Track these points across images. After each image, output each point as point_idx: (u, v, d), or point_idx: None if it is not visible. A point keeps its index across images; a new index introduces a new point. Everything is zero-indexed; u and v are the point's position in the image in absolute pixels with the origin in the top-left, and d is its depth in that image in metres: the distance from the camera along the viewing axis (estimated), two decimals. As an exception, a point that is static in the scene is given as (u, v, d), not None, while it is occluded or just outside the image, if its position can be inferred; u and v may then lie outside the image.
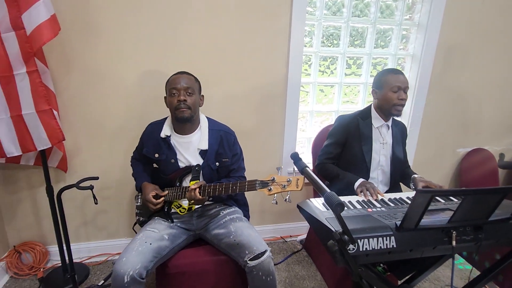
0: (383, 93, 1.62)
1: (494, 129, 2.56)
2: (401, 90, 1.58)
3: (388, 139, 1.72)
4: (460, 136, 2.51)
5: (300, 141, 2.30)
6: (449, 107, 2.39)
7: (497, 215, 1.14)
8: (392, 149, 1.73)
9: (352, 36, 2.18)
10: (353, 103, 2.34)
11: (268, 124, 2.12)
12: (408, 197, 1.46)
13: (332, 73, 2.24)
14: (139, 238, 1.34)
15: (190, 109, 1.44)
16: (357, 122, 1.69)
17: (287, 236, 2.39)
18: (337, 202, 0.84)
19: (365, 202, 1.39)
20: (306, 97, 2.24)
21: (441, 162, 2.56)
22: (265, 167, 2.18)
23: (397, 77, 1.60)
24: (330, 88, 2.28)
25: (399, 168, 1.76)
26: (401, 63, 2.32)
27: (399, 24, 2.18)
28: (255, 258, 1.28)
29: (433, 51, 2.20)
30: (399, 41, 2.23)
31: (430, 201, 0.99)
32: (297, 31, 1.95)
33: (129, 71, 1.83)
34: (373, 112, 1.70)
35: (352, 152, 1.70)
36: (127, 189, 2.02)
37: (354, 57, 2.23)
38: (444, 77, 2.30)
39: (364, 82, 2.27)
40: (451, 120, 2.44)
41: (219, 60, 1.92)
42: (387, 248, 1.07)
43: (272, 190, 1.16)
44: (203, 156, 1.50)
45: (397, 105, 1.59)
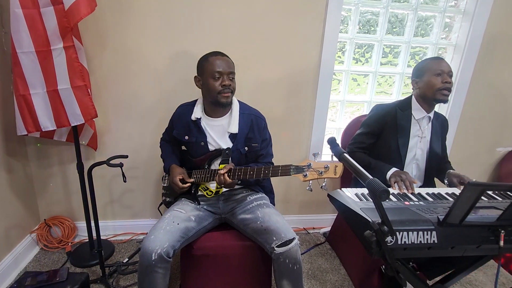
0: (425, 80, 1.53)
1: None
2: (445, 73, 1.49)
3: (427, 132, 1.62)
4: (501, 135, 2.35)
5: (329, 131, 2.23)
6: (491, 103, 2.24)
7: (552, 217, 1.04)
8: (430, 143, 1.63)
9: (390, 23, 2.07)
10: (387, 94, 2.24)
11: (298, 111, 2.06)
12: (447, 193, 1.37)
13: (367, 62, 2.14)
14: (167, 217, 1.34)
15: (233, 94, 1.43)
16: (395, 112, 1.61)
17: (310, 228, 2.34)
18: (382, 188, 0.78)
19: (400, 195, 1.31)
20: (338, 86, 2.15)
21: (479, 161, 2.41)
22: (292, 155, 2.14)
23: (440, 62, 1.51)
24: (363, 78, 2.18)
25: (436, 163, 1.67)
26: (442, 53, 2.18)
27: (443, 11, 2.04)
28: (283, 245, 1.25)
29: (479, 41, 2.05)
30: (441, 30, 2.09)
31: (481, 195, 0.92)
32: (333, 16, 1.86)
33: (160, 51, 1.82)
34: (414, 103, 1.60)
35: (387, 144, 1.62)
36: (155, 169, 2.03)
37: (392, 46, 2.12)
38: (488, 70, 2.14)
39: (400, 72, 2.16)
40: (492, 116, 2.28)
41: (252, 43, 1.87)
42: (427, 243, 1.00)
43: (308, 176, 1.11)
44: (232, 140, 1.47)
45: (442, 89, 1.49)
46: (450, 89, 1.50)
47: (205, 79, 1.41)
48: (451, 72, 1.51)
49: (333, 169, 1.09)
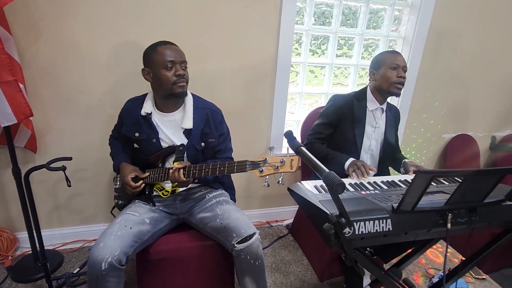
0: (381, 72, 1.57)
1: (481, 115, 2.58)
2: (400, 68, 1.55)
3: (381, 123, 1.67)
4: (448, 122, 2.51)
5: (288, 124, 2.23)
6: (438, 92, 2.38)
7: (491, 198, 1.12)
8: (384, 134, 1.69)
9: (344, 15, 2.10)
10: (343, 86, 2.28)
11: (257, 104, 2.03)
12: (400, 180, 1.42)
13: (323, 54, 2.16)
14: (118, 221, 1.24)
15: (187, 84, 1.36)
16: (352, 103, 1.63)
17: (273, 221, 2.34)
18: (338, 182, 0.77)
19: (357, 185, 1.34)
20: (296, 78, 2.15)
21: (428, 148, 2.57)
22: (252, 149, 2.10)
23: (396, 56, 1.56)
24: (320, 69, 2.20)
25: (390, 153, 1.73)
26: (392, 45, 2.26)
27: (393, 4, 2.11)
28: (243, 241, 1.21)
29: (425, 34, 2.15)
30: (391, 22, 2.17)
31: (430, 182, 0.95)
32: (289, 7, 1.84)
33: (104, 41, 1.67)
34: (368, 94, 1.64)
35: (343, 134, 1.64)
36: (106, 170, 1.89)
37: (346, 38, 2.16)
38: (435, 61, 2.27)
39: (355, 64, 2.21)
40: (439, 105, 2.43)
41: (206, 34, 1.79)
42: (383, 231, 1.02)
43: (264, 172, 1.07)
44: (187, 136, 1.39)
45: (396, 83, 1.54)
46: (403, 83, 1.56)
47: (156, 71, 1.30)
48: (406, 67, 1.57)
49: (289, 163, 1.07)
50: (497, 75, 2.48)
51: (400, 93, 1.59)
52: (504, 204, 1.16)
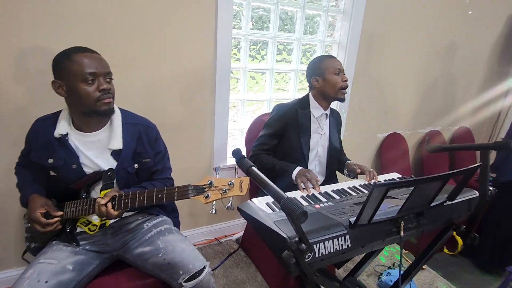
0: (326, 78, 1.54)
1: (408, 114, 2.79)
2: (342, 72, 1.55)
3: (326, 129, 1.66)
4: (381, 122, 2.66)
5: (232, 133, 2.11)
6: (372, 94, 2.50)
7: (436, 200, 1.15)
8: (330, 139, 1.68)
9: (282, 20, 2.06)
10: (284, 91, 2.25)
11: (197, 114, 1.87)
12: (349, 187, 1.41)
13: (263, 59, 2.09)
14: (28, 276, 0.98)
15: (113, 99, 1.14)
16: (296, 112, 1.59)
17: (221, 236, 2.20)
18: (300, 211, 0.67)
19: (310, 197, 1.28)
20: (237, 85, 2.05)
21: (365, 147, 2.69)
22: (194, 164, 1.94)
23: (334, 60, 1.56)
24: (261, 75, 2.13)
25: (336, 157, 1.73)
26: (328, 50, 2.30)
27: (327, 10, 2.14)
28: (191, 278, 1.06)
29: (357, 39, 2.23)
30: (326, 28, 2.20)
31: (386, 194, 0.92)
32: (225, 10, 1.73)
33: (4, 45, 1.35)
34: (312, 101, 1.61)
35: (290, 144, 1.59)
36: (14, 205, 1.54)
37: (285, 43, 2.12)
38: (367, 65, 2.37)
39: (295, 69, 2.19)
40: (374, 106, 2.56)
41: (134, 38, 1.58)
42: (342, 249, 0.97)
43: (210, 197, 0.94)
44: (116, 158, 1.18)
45: (343, 88, 1.55)
46: (348, 86, 1.56)
47: (72, 84, 1.06)
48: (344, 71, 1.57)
49: (239, 186, 0.95)
50: (423, 77, 2.71)
51: (345, 98, 1.59)
52: (445, 204, 1.21)
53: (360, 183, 1.47)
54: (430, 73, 2.75)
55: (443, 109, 2.99)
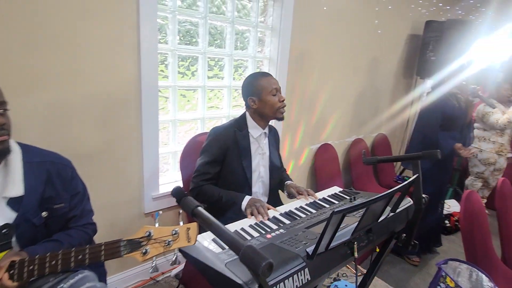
0: (263, 99, 1.48)
1: (337, 125, 2.95)
2: (279, 91, 1.50)
3: (266, 148, 1.60)
4: (313, 134, 2.74)
5: (164, 157, 1.91)
6: (304, 108, 2.56)
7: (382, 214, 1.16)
8: (270, 158, 1.62)
9: (211, 35, 1.96)
10: (218, 108, 2.14)
11: (121, 140, 1.62)
12: (296, 208, 1.36)
13: (193, 76, 1.95)
14: None
15: (10, 136, 0.90)
16: (234, 134, 1.49)
17: (158, 274, 1.95)
18: (266, 263, 0.56)
19: (259, 226, 1.19)
20: (166, 104, 1.86)
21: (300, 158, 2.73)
22: (120, 199, 1.68)
23: (270, 79, 1.51)
24: (192, 93, 1.99)
25: (277, 175, 1.68)
26: (259, 66, 2.28)
27: (255, 26, 2.12)
28: None
29: (287, 55, 2.26)
30: (256, 43, 2.18)
31: (342, 220, 0.88)
32: (148, 23, 1.55)
33: None
34: (249, 121, 1.53)
35: (232, 169, 1.49)
36: None
37: (216, 58, 2.03)
38: (298, 80, 2.42)
39: (227, 86, 2.10)
40: (306, 119, 2.62)
41: (35, 52, 1.29)
42: (302, 285, 0.89)
43: (150, 253, 0.76)
44: (16, 208, 0.91)
45: (281, 108, 1.49)
46: (285, 105, 1.51)
47: None
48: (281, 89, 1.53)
49: (185, 234, 0.79)
50: (349, 90, 2.91)
51: (283, 116, 1.54)
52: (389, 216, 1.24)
53: (306, 201, 1.44)
54: (355, 87, 2.97)
55: (366, 119, 3.25)
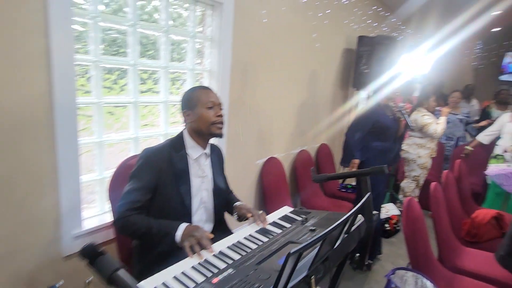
0: (197, 112, 1.33)
1: (282, 138, 2.91)
2: (216, 106, 1.36)
3: (208, 170, 1.43)
4: (259, 148, 2.65)
5: (88, 186, 1.62)
6: (249, 122, 2.46)
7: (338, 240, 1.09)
8: (214, 180, 1.46)
9: (143, 45, 1.75)
10: (154, 126, 1.92)
11: (26, 169, 1.32)
12: (245, 237, 1.22)
13: (123, 90, 1.72)
14: None
15: None
16: (170, 156, 1.30)
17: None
18: None
19: (203, 265, 1.02)
20: (89, 124, 1.59)
21: (247, 175, 2.62)
22: (29, 243, 1.36)
23: (208, 92, 1.37)
24: (122, 110, 1.74)
25: (223, 198, 1.53)
26: (199, 78, 2.13)
27: (193, 36, 1.97)
28: None
29: (228, 67, 2.15)
30: (195, 55, 2.02)
31: (299, 258, 0.76)
32: (60, 28, 1.30)
33: None
34: (187, 140, 1.36)
35: (167, 196, 1.30)
36: None
37: (149, 71, 1.82)
38: (242, 93, 2.32)
39: (163, 101, 1.90)
40: (251, 133, 2.52)
41: None
42: None
43: None
44: None
45: (216, 123, 1.34)
46: (223, 122, 1.38)
47: None
48: (222, 105, 1.40)
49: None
50: (293, 102, 2.90)
51: (221, 133, 1.40)
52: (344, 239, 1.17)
53: (255, 228, 1.31)
54: (296, 98, 2.98)
55: (308, 130, 3.28)
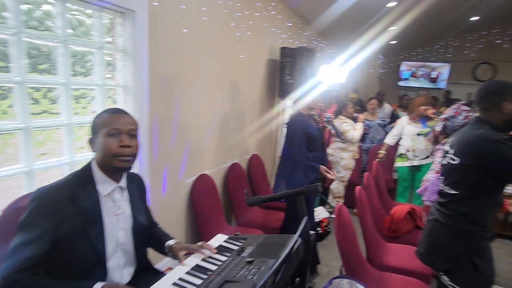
0: (98, 141, 1.11)
1: (211, 153, 2.77)
2: (124, 133, 1.12)
3: (125, 206, 1.22)
4: (189, 166, 2.47)
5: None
6: (175, 140, 2.26)
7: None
8: (133, 216, 1.25)
9: (33, 57, 1.44)
10: (55, 155, 1.59)
11: None
12: (175, 283, 1.06)
13: (6, 114, 1.38)
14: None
15: None
16: (73, 193, 1.06)
17: None
18: None
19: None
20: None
21: (176, 197, 2.41)
22: None
23: (114, 116, 1.13)
24: (7, 137, 1.40)
25: (146, 235, 1.32)
26: (113, 95, 1.87)
27: (100, 47, 1.71)
28: None
29: (146, 81, 1.93)
30: (104, 69, 1.76)
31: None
32: None
33: None
34: (97, 173, 1.13)
35: (73, 243, 1.05)
36: None
37: (44, 88, 1.50)
38: (165, 110, 2.12)
39: (66, 123, 1.60)
40: (179, 151, 2.33)
41: None
42: None
43: None
44: None
45: (118, 155, 1.10)
46: (127, 154, 1.12)
47: None
48: (134, 131, 1.16)
49: None
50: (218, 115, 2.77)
51: (129, 166, 1.16)
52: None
53: (186, 268, 1.15)
54: (223, 111, 2.87)
55: (237, 142, 3.21)
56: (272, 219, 2.98)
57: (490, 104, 1.46)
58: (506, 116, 1.42)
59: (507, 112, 1.42)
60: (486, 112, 1.48)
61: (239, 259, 1.18)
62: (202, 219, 2.52)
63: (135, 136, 1.16)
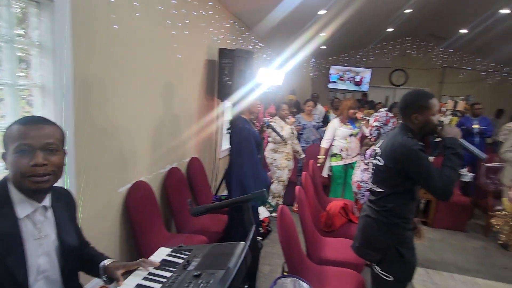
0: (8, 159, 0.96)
1: (146, 158, 2.59)
2: (37, 149, 0.95)
3: (48, 228, 1.05)
4: (120, 174, 2.27)
5: None
6: (103, 146, 2.05)
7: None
8: (59, 238, 1.09)
9: None
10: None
11: None
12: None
13: None
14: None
15: None
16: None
17: None
18: None
19: None
20: None
21: (109, 209, 2.19)
22: None
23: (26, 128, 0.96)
24: None
25: (75, 258, 1.17)
26: (28, 96, 1.61)
27: (9, 40, 1.46)
28: None
29: (69, 81, 1.71)
30: (16, 65, 1.51)
31: None
32: None
33: None
34: (14, 193, 0.96)
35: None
36: None
37: None
38: (92, 113, 1.91)
39: (-35, 131, 1.32)
40: (109, 158, 2.12)
41: None
42: None
43: None
44: None
45: (30, 176, 0.94)
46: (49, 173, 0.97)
47: None
48: (52, 145, 0.98)
49: None
50: (151, 118, 2.60)
51: (46, 187, 1.00)
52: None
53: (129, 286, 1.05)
54: (158, 113, 2.71)
55: (176, 144, 3.07)
56: (215, 223, 2.93)
57: (405, 115, 1.66)
58: (419, 125, 1.63)
59: (417, 123, 1.62)
60: (406, 120, 1.68)
61: (185, 274, 1.11)
62: (140, 229, 2.35)
63: (55, 151, 0.99)
